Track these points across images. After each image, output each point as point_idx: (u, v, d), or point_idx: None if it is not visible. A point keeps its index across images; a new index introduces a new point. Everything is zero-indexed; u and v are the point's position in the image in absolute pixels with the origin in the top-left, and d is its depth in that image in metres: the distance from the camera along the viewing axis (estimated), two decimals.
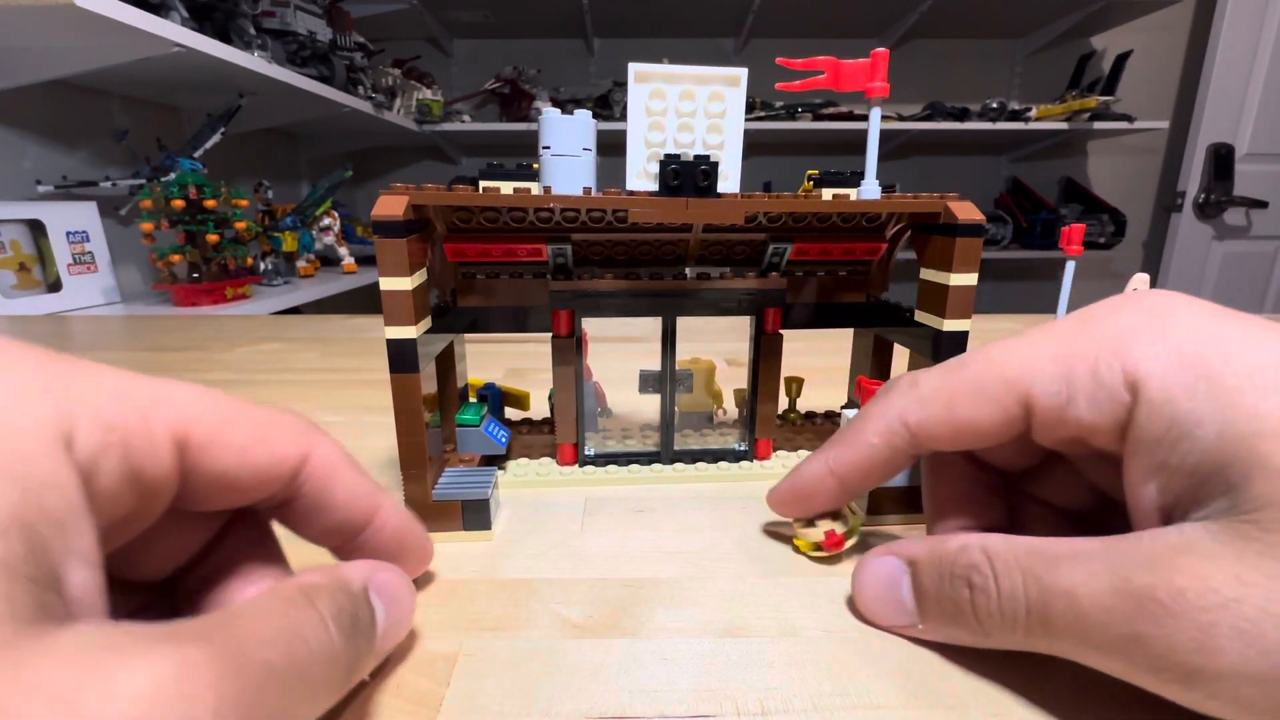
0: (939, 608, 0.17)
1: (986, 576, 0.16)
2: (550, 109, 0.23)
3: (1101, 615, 0.14)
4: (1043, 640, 0.15)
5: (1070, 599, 0.14)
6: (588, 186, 0.24)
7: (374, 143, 1.84)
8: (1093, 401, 0.16)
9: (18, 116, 0.95)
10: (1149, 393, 0.15)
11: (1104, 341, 0.16)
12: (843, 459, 0.21)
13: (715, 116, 0.23)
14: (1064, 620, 0.14)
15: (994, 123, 1.72)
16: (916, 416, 0.19)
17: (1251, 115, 1.76)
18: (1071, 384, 0.16)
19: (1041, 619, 0.15)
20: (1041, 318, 0.50)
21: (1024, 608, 0.15)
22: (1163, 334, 0.15)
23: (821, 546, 0.22)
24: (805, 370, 0.35)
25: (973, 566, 0.16)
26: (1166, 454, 0.14)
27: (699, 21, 1.82)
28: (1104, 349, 0.16)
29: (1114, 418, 0.15)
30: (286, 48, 1.14)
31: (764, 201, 0.24)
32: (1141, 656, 0.13)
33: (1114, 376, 0.15)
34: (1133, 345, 0.15)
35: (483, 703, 0.16)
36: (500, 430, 0.28)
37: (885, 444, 0.19)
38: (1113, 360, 0.15)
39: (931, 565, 0.17)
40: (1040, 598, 0.15)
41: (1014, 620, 0.15)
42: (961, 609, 0.16)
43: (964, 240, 0.23)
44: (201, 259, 0.97)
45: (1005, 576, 0.16)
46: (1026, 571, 0.15)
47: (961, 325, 0.24)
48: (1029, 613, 0.15)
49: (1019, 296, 2.17)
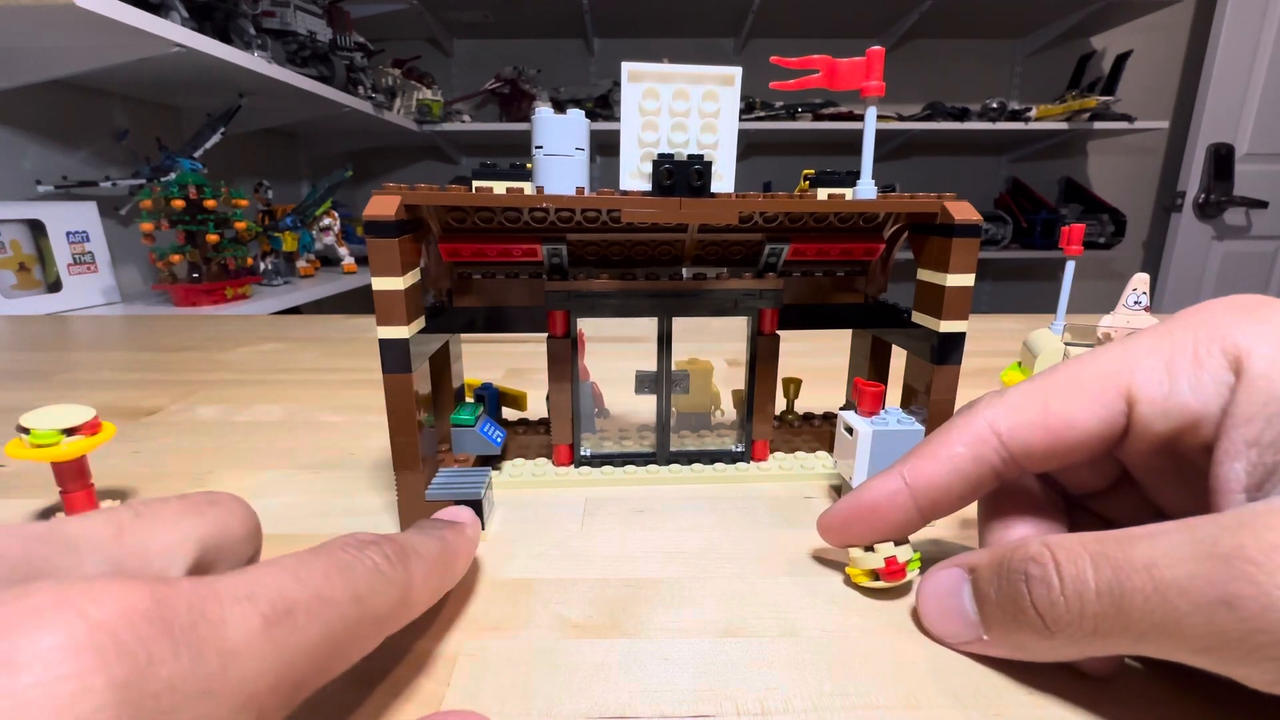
0: (1000, 611, 0.16)
1: (1046, 565, 0.15)
2: (543, 109, 0.23)
3: (1186, 582, 0.12)
4: (1117, 629, 0.13)
5: (1149, 572, 0.13)
6: (580, 186, 0.23)
7: (374, 143, 1.84)
8: (1196, 385, 0.15)
9: (18, 116, 0.95)
10: (1252, 367, 0.14)
11: (1200, 329, 0.16)
12: (921, 472, 0.18)
13: (709, 116, 0.23)
14: (1141, 597, 0.13)
15: (994, 123, 1.72)
16: (1008, 422, 0.17)
17: (1251, 115, 1.76)
18: (1173, 370, 0.16)
19: (1115, 603, 0.13)
20: (1042, 318, 0.50)
21: (1093, 591, 0.14)
22: (1261, 319, 0.15)
23: (879, 575, 0.19)
24: (804, 371, 0.35)
25: (1030, 558, 0.15)
26: (1262, 429, 0.14)
27: (699, 21, 1.81)
28: (1201, 335, 0.16)
29: (1219, 399, 0.15)
30: (286, 48, 1.14)
31: (758, 201, 0.24)
32: (1234, 624, 0.12)
33: (1215, 358, 0.15)
34: (1232, 328, 0.15)
35: (483, 703, 0.16)
36: (496, 430, 0.28)
37: (972, 455, 0.17)
38: (1211, 344, 0.15)
39: (990, 567, 0.16)
40: (1113, 578, 0.13)
41: (1080, 610, 0.14)
42: (1021, 606, 0.15)
43: (960, 240, 0.23)
44: (201, 259, 0.97)
45: (1069, 563, 0.14)
46: (1096, 555, 0.14)
47: (958, 326, 0.24)
48: (1099, 596, 0.14)
49: (1019, 296, 2.17)
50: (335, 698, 0.16)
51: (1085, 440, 0.17)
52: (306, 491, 0.28)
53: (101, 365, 0.49)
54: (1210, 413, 0.15)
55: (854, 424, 0.25)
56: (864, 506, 0.19)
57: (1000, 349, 0.53)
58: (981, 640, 0.16)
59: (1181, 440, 0.16)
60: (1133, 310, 0.31)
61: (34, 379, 0.45)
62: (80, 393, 0.42)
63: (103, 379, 0.46)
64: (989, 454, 0.17)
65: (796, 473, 0.29)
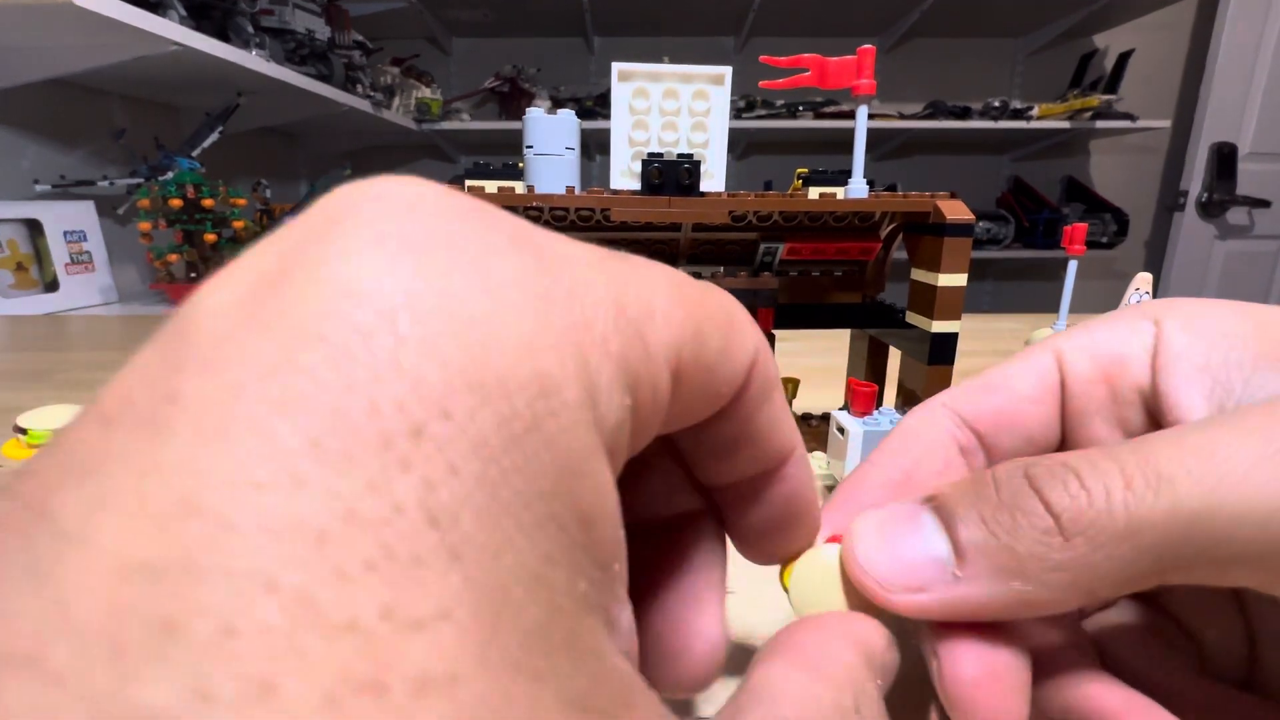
0: (987, 527, 0.11)
1: (1055, 465, 0.11)
2: (534, 110, 0.23)
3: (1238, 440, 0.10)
4: (1155, 534, 0.10)
5: (1194, 447, 0.10)
6: (571, 185, 0.24)
7: (373, 142, 1.84)
8: (1113, 331, 0.16)
9: (15, 115, 0.95)
10: (1172, 314, 0.15)
11: (1119, 312, 0.17)
12: (886, 454, 0.16)
13: (700, 115, 0.23)
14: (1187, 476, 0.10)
15: (996, 122, 1.72)
16: (951, 394, 0.17)
17: (1254, 114, 1.75)
18: (1093, 331, 0.16)
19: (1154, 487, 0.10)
20: (1043, 317, 0.50)
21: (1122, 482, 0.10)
22: (1170, 301, 0.16)
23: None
24: (803, 371, 0.35)
25: (1029, 463, 0.12)
26: (1208, 351, 0.14)
27: (699, 20, 1.81)
28: (1119, 313, 0.16)
29: (1140, 344, 0.15)
30: (285, 46, 1.14)
31: (747, 200, 0.24)
32: None
33: (1133, 315, 0.16)
34: (1145, 304, 0.16)
35: None
36: None
37: (928, 425, 0.16)
38: (1130, 312, 0.16)
39: (964, 485, 0.12)
40: (1153, 469, 0.10)
41: (1107, 502, 0.10)
42: (1025, 509, 0.11)
43: (952, 240, 0.23)
44: (199, 258, 0.97)
45: (1092, 470, 0.11)
46: (1110, 453, 0.11)
47: (950, 327, 0.23)
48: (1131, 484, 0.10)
49: (1021, 296, 2.17)
50: None
51: (1024, 392, 0.16)
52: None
53: (99, 365, 0.49)
54: (1134, 352, 0.15)
55: (845, 424, 0.24)
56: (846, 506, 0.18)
57: (1002, 349, 0.53)
58: (952, 581, 0.11)
59: (1115, 385, 0.15)
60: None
61: (31, 379, 0.45)
62: (78, 393, 0.42)
63: (100, 379, 0.45)
64: (945, 422, 0.16)
65: None
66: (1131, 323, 0.16)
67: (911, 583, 0.12)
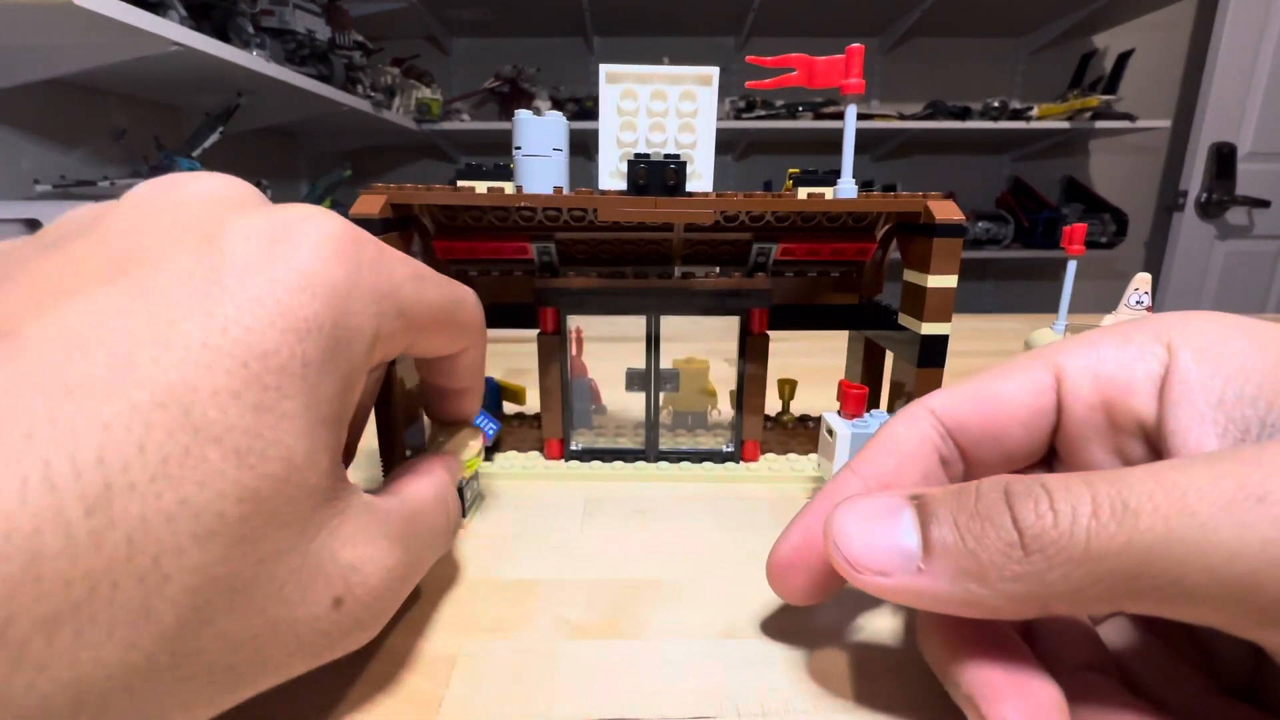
0: (956, 531, 0.12)
1: (1034, 487, 0.12)
2: (522, 111, 0.24)
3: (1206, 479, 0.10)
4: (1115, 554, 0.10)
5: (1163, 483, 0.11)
6: (559, 185, 0.24)
7: (373, 142, 1.84)
8: (1122, 355, 0.15)
9: (15, 116, 0.95)
10: (1185, 339, 0.14)
11: (1128, 325, 0.16)
12: (870, 461, 0.17)
13: (687, 116, 0.23)
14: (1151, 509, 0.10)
15: (995, 122, 1.72)
16: (942, 401, 0.17)
17: (1254, 114, 1.75)
18: (1099, 348, 0.16)
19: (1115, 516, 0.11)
20: (1043, 318, 0.50)
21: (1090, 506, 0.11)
22: (1188, 318, 0.15)
23: None
24: (801, 372, 0.35)
25: (1011, 479, 0.12)
26: (1223, 388, 0.13)
27: (699, 20, 1.81)
28: (1127, 327, 0.16)
29: (1146, 367, 0.15)
30: (285, 46, 1.14)
31: (733, 201, 0.24)
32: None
33: (1143, 337, 0.15)
34: (1158, 319, 0.15)
35: (482, 704, 0.16)
36: (489, 423, 0.28)
37: (915, 436, 0.17)
38: (1137, 330, 0.15)
39: (949, 492, 0.13)
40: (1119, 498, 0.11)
41: (1071, 524, 0.11)
42: (994, 522, 0.12)
43: (941, 240, 0.23)
44: None
45: (1063, 494, 0.11)
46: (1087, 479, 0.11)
47: (940, 329, 0.23)
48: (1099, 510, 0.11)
49: (1020, 296, 2.17)
50: (335, 697, 0.16)
51: (1014, 412, 0.16)
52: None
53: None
54: (1138, 380, 0.15)
55: (834, 426, 0.24)
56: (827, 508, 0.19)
57: (1001, 349, 0.53)
58: (915, 573, 0.13)
59: (1115, 412, 0.15)
60: (1134, 310, 0.31)
61: None
62: None
63: None
64: (929, 432, 0.17)
65: (785, 474, 0.29)
66: (1142, 345, 0.15)
67: (877, 566, 0.13)
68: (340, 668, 0.17)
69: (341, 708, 0.16)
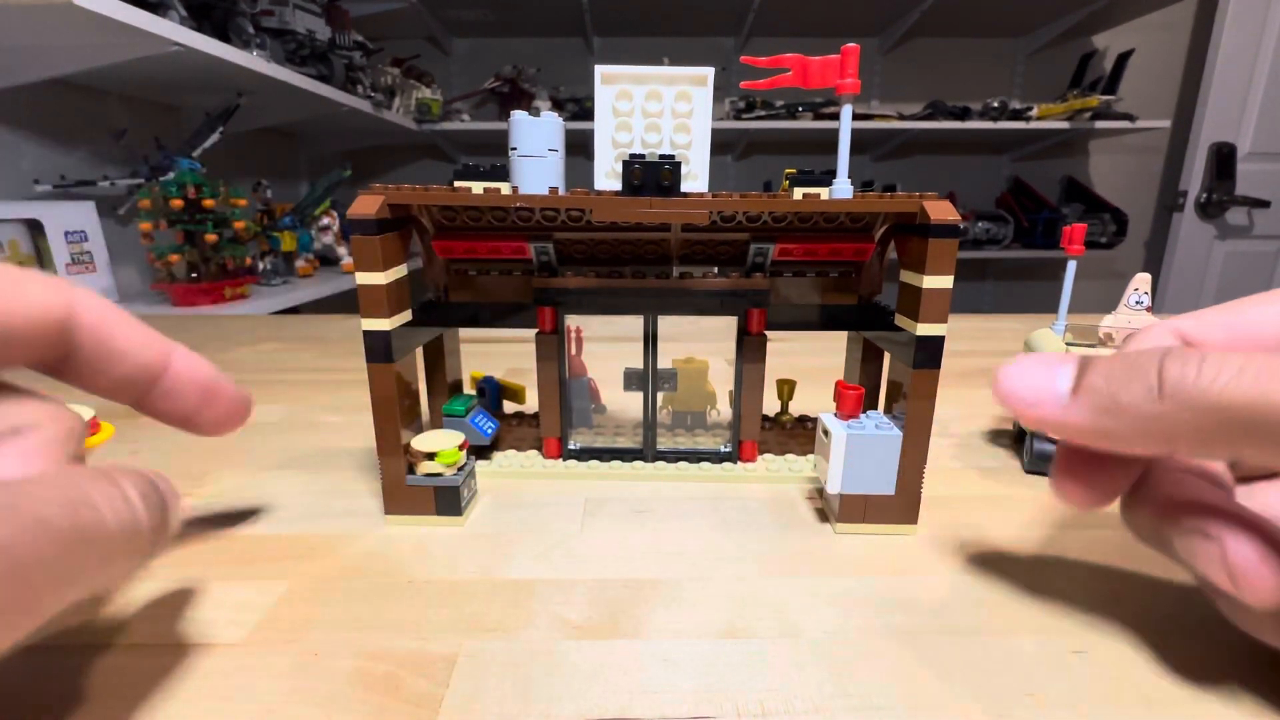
0: (1107, 377, 0.15)
1: (1187, 351, 0.14)
2: (517, 112, 0.24)
3: None
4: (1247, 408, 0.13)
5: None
6: (554, 186, 0.24)
7: (373, 142, 1.84)
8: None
9: (16, 116, 0.95)
10: None
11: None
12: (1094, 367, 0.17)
13: (682, 116, 0.23)
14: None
15: (995, 122, 1.72)
16: (1191, 323, 0.18)
17: (1253, 114, 1.75)
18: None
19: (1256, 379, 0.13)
20: (1043, 318, 0.50)
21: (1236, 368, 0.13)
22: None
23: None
24: (800, 373, 0.35)
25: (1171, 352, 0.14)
26: None
27: (699, 20, 1.81)
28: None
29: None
30: (285, 47, 1.14)
31: (728, 201, 0.24)
32: None
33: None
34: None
35: (482, 704, 0.16)
36: (487, 421, 0.28)
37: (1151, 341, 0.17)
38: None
39: (1113, 358, 0.15)
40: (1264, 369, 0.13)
41: (1214, 379, 0.13)
42: (1141, 370, 0.14)
43: (937, 241, 0.22)
44: (200, 259, 0.97)
45: (1214, 357, 0.13)
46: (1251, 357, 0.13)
47: (936, 330, 0.23)
48: (1242, 372, 0.13)
49: (1020, 296, 2.17)
50: (334, 697, 0.16)
51: (1264, 336, 0.17)
52: (306, 491, 0.28)
53: None
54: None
55: (830, 427, 0.24)
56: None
57: (1001, 349, 0.53)
58: (1060, 407, 0.15)
59: None
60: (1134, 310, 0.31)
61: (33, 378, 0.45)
62: (79, 394, 0.42)
63: None
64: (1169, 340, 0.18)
65: (783, 475, 0.29)
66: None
67: (1030, 399, 0.16)
68: (340, 668, 0.17)
69: (341, 708, 0.16)
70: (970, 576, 0.22)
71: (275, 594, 0.20)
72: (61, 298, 0.16)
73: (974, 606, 0.20)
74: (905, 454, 0.24)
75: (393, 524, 0.25)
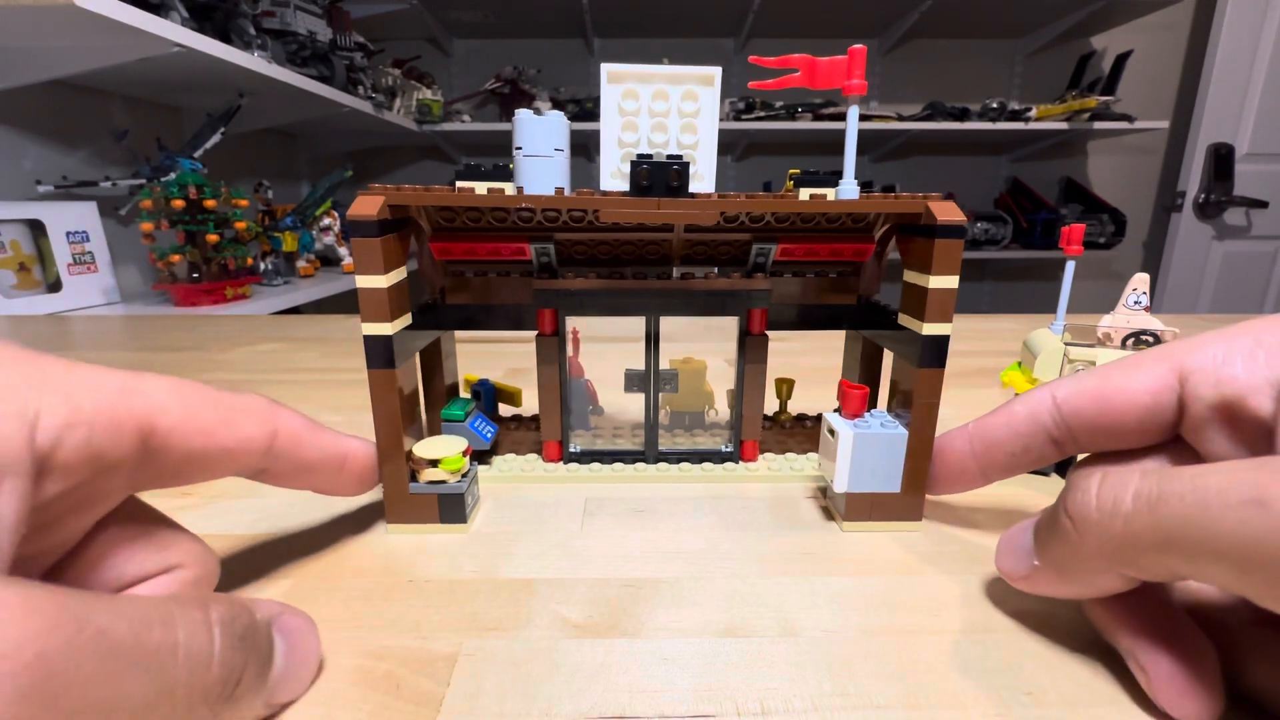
0: (1044, 530, 0.17)
1: (1090, 478, 0.15)
2: (522, 111, 0.23)
3: (1223, 483, 0.13)
4: (1148, 535, 0.14)
5: (1192, 480, 0.13)
6: (560, 186, 0.24)
7: (374, 143, 1.84)
8: (1249, 362, 0.16)
9: (18, 116, 0.95)
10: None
11: (1260, 328, 0.16)
12: (982, 425, 0.21)
13: (689, 116, 0.23)
14: (1177, 498, 0.13)
15: (994, 123, 1.72)
16: (1065, 390, 0.19)
17: (1252, 115, 1.76)
18: (1229, 349, 0.16)
19: (1150, 505, 0.14)
20: (1041, 318, 0.50)
21: (1130, 495, 0.14)
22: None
23: None
24: (799, 372, 0.35)
25: (1078, 479, 0.16)
26: None
27: (699, 21, 1.82)
28: (1260, 333, 0.16)
29: (1267, 376, 0.15)
30: (286, 48, 1.14)
31: (736, 202, 0.24)
32: (1265, 525, 0.12)
33: (1273, 341, 0.16)
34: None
35: (483, 703, 0.16)
36: (486, 426, 0.28)
37: (1027, 414, 0.20)
38: (1267, 334, 0.16)
39: (1047, 510, 0.17)
40: (1155, 487, 0.14)
41: (1112, 511, 0.14)
42: (1057, 515, 0.16)
43: (943, 241, 0.23)
44: (201, 259, 0.97)
45: (1109, 486, 0.15)
46: (1144, 472, 0.14)
47: (941, 329, 0.23)
48: (1136, 498, 0.14)
49: (1019, 296, 2.17)
50: (335, 695, 0.16)
51: (1132, 409, 0.18)
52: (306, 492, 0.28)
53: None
54: (1259, 385, 0.15)
55: (836, 426, 0.24)
56: (936, 454, 0.23)
57: (1000, 349, 0.53)
58: (1032, 568, 0.17)
59: (1235, 412, 0.16)
60: (1133, 310, 0.31)
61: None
62: None
63: None
64: (1043, 415, 0.19)
65: (785, 474, 0.29)
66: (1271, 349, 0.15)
67: (1015, 574, 0.18)
68: (341, 666, 0.17)
69: (342, 707, 0.16)
70: (970, 576, 0.22)
71: (277, 593, 0.20)
72: (265, 430, 0.18)
73: (973, 606, 0.20)
74: (910, 452, 0.24)
75: (395, 531, 0.25)
